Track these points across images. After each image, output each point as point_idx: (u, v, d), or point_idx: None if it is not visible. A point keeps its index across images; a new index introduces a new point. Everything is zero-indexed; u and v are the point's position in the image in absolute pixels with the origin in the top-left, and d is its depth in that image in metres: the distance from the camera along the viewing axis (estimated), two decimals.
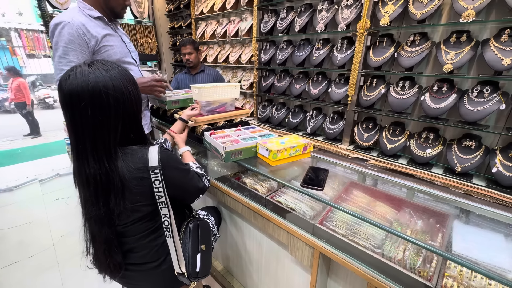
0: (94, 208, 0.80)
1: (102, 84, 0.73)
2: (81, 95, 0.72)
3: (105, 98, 0.74)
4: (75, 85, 0.72)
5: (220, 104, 1.68)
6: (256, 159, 1.34)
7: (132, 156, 0.82)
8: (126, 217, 0.84)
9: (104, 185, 0.77)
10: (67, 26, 1.21)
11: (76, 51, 1.24)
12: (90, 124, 0.75)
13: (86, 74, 0.73)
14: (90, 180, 0.77)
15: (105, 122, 0.76)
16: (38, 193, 3.26)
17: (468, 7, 1.14)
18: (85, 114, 0.73)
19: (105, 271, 0.91)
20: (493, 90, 1.18)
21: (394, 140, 1.49)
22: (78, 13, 1.29)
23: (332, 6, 1.66)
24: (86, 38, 1.26)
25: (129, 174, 0.79)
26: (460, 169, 1.26)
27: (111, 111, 0.76)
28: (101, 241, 0.85)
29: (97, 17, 1.35)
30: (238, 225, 1.54)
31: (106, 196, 0.79)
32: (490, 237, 0.88)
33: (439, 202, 1.15)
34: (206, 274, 1.04)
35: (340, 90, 1.67)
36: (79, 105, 0.72)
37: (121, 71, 0.80)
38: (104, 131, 0.76)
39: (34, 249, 2.26)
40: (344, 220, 1.06)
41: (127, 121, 0.81)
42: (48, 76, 12.81)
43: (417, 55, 1.34)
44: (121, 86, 0.77)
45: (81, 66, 0.76)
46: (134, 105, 0.83)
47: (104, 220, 0.81)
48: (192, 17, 2.87)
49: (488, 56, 1.14)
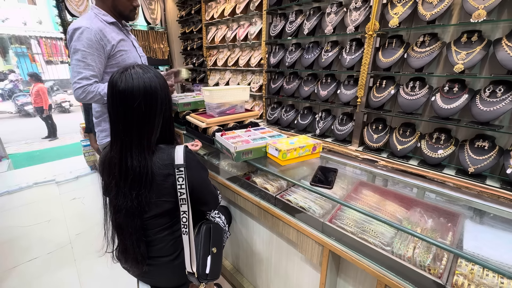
0: (127, 199, 0.85)
1: (154, 85, 0.82)
2: (136, 93, 0.80)
3: (154, 97, 0.83)
4: (131, 84, 0.80)
5: (231, 106, 1.72)
6: (266, 159, 1.37)
7: (161, 153, 0.89)
8: (149, 211, 0.89)
9: (140, 177, 0.84)
10: (86, 31, 1.27)
11: (94, 55, 1.31)
12: (141, 119, 0.83)
13: (141, 74, 0.82)
14: (130, 171, 0.83)
15: (151, 118, 0.84)
16: (56, 193, 3.40)
17: (479, 7, 1.14)
18: (137, 110, 0.81)
19: (131, 263, 0.95)
20: (507, 89, 1.17)
21: (405, 141, 1.48)
22: (95, 19, 1.35)
23: (341, 8, 1.68)
24: (103, 43, 1.33)
25: (158, 169, 0.86)
26: (473, 170, 1.24)
27: (157, 109, 0.85)
28: (131, 232, 0.89)
29: (111, 22, 1.41)
30: (248, 224, 1.56)
31: (139, 188, 0.84)
32: (502, 236, 0.87)
33: (450, 201, 1.14)
34: (216, 277, 1.07)
35: (349, 92, 1.68)
36: (133, 102, 0.80)
37: (163, 76, 0.90)
38: (150, 126, 0.85)
39: (53, 245, 2.36)
40: (354, 219, 1.06)
41: (165, 120, 0.90)
42: (65, 82, 13.33)
43: (427, 56, 1.34)
44: (166, 89, 0.87)
45: (135, 67, 0.84)
46: (171, 106, 0.94)
47: (136, 211, 0.86)
48: (203, 22, 2.95)
49: (501, 56, 1.13)
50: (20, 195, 3.36)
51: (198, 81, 3.33)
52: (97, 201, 3.10)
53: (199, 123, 1.64)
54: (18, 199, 3.25)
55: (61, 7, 2.65)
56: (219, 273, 1.10)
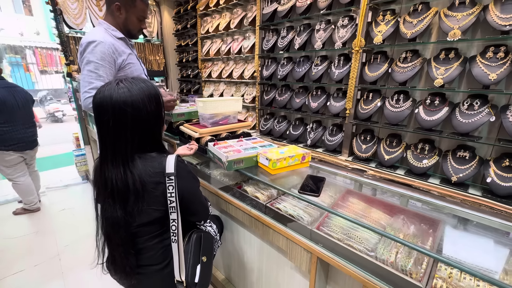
0: (111, 209, 0.87)
1: (122, 101, 0.83)
2: (105, 109, 0.83)
3: (123, 113, 0.83)
4: (102, 99, 0.83)
5: (224, 117, 1.76)
6: (257, 168, 1.40)
7: (152, 161, 0.90)
8: (140, 219, 0.90)
9: (120, 189, 0.85)
10: (100, 44, 1.33)
11: (106, 67, 1.36)
12: (111, 134, 0.85)
13: (112, 91, 0.83)
14: (108, 183, 0.86)
15: (122, 134, 0.85)
16: (45, 203, 3.33)
17: (454, 27, 1.23)
18: (107, 125, 0.84)
19: (120, 274, 0.95)
20: (483, 103, 1.24)
21: (391, 151, 1.54)
22: (106, 34, 1.41)
23: (329, 26, 1.77)
24: (114, 56, 1.40)
25: (148, 178, 0.87)
26: (456, 179, 1.30)
27: (128, 125, 0.85)
28: (118, 243, 0.90)
29: (120, 38, 1.48)
30: (240, 234, 1.57)
31: (122, 200, 0.86)
32: (480, 242, 0.90)
33: (432, 209, 1.18)
34: (205, 287, 1.07)
35: (339, 104, 1.75)
36: (103, 117, 0.83)
37: (144, 90, 0.88)
38: (121, 142, 0.85)
39: (40, 258, 2.30)
40: (340, 225, 1.09)
41: (144, 134, 0.90)
42: (59, 91, 13.27)
43: (409, 71, 1.41)
44: (140, 104, 0.85)
45: (111, 83, 0.86)
46: (152, 119, 0.90)
47: (121, 222, 0.87)
48: (198, 36, 3.04)
49: (476, 72, 1.22)
50: (7, 206, 3.27)
51: (193, 92, 3.38)
52: (87, 212, 3.04)
53: (192, 133, 1.67)
54: (5, 210, 3.17)
55: (58, 19, 2.71)
56: (208, 283, 1.09)
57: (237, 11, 2.52)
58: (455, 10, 1.25)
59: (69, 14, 2.75)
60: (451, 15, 1.26)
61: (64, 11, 2.71)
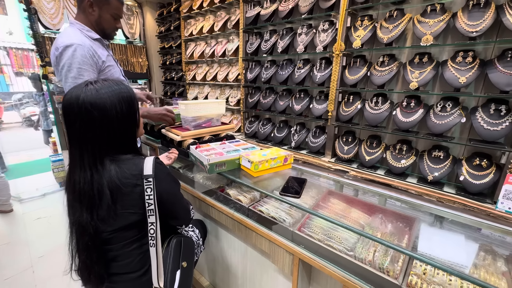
0: (77, 214, 0.83)
1: (88, 102, 0.80)
2: (71, 110, 0.80)
3: (90, 114, 0.80)
4: (69, 100, 0.80)
5: (207, 120, 1.75)
6: (240, 171, 1.39)
7: (128, 164, 0.87)
8: (113, 224, 0.86)
9: (88, 193, 0.81)
10: (79, 48, 1.26)
11: (89, 71, 1.30)
12: (77, 136, 0.82)
13: (79, 92, 0.81)
14: (76, 186, 0.82)
15: (89, 135, 0.82)
16: (19, 212, 3.14)
17: (427, 32, 1.29)
18: (73, 127, 0.81)
19: (90, 283, 0.91)
20: (454, 105, 1.30)
21: (372, 152, 1.58)
22: (81, 35, 1.33)
23: (311, 30, 1.81)
24: (95, 59, 1.33)
25: (124, 180, 0.84)
26: (432, 178, 1.35)
27: (95, 126, 0.82)
28: (84, 248, 0.86)
29: (96, 38, 1.40)
30: (223, 238, 1.55)
31: (89, 204, 0.82)
32: (453, 238, 0.94)
33: (410, 208, 1.22)
34: None
35: (321, 106, 1.78)
36: (69, 119, 0.81)
37: (114, 90, 0.85)
38: (88, 144, 0.82)
39: (11, 271, 2.15)
40: (321, 226, 1.10)
41: (114, 135, 0.86)
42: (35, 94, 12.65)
43: (386, 74, 1.46)
44: (106, 105, 0.82)
45: (80, 84, 0.83)
46: (122, 122, 0.87)
47: (86, 227, 0.83)
48: (182, 38, 3.01)
49: (447, 75, 1.28)
50: None
51: (177, 95, 3.33)
52: (65, 220, 2.89)
53: (174, 136, 1.64)
54: None
55: (33, 19, 2.59)
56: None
57: (221, 14, 2.52)
58: (427, 16, 1.31)
59: (44, 13, 2.64)
60: (423, 21, 1.31)
61: (40, 10, 2.60)
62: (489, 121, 1.19)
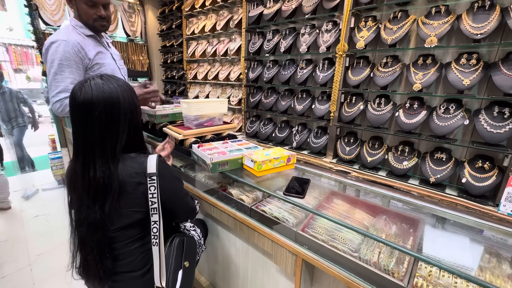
0: (90, 211, 0.82)
1: (114, 94, 0.82)
2: (96, 104, 0.80)
3: (116, 107, 0.82)
4: (90, 94, 0.80)
5: (209, 119, 1.74)
6: (242, 170, 1.39)
7: (132, 162, 0.88)
8: (117, 222, 0.86)
9: (104, 188, 0.82)
10: (63, 43, 1.25)
11: (72, 67, 1.28)
12: (102, 130, 0.82)
13: (100, 85, 0.81)
14: (92, 183, 0.82)
15: (114, 128, 0.83)
16: (17, 210, 3.12)
17: (431, 34, 1.29)
18: (98, 121, 0.80)
19: (93, 280, 0.90)
20: (458, 107, 1.30)
21: (374, 153, 1.58)
22: (72, 32, 1.33)
23: (314, 30, 1.81)
24: (81, 55, 1.31)
25: (128, 178, 0.85)
26: (434, 180, 1.35)
27: (120, 118, 0.84)
28: (93, 246, 0.85)
29: (89, 35, 1.39)
30: (225, 237, 1.54)
31: (103, 200, 0.82)
32: (457, 240, 0.94)
33: (413, 209, 1.22)
34: None
35: (323, 107, 1.78)
36: (93, 113, 0.80)
37: (127, 84, 0.89)
38: (113, 136, 0.84)
39: (9, 269, 2.14)
40: (324, 227, 1.10)
41: (131, 129, 0.89)
42: (34, 91, 12.57)
43: (390, 75, 1.46)
44: (129, 97, 0.86)
45: (95, 78, 0.83)
46: (138, 115, 0.92)
47: (98, 224, 0.83)
48: (184, 37, 3.00)
49: (451, 77, 1.28)
50: None
51: (178, 93, 3.32)
52: (63, 218, 2.87)
53: (176, 135, 1.63)
54: None
55: (34, 15, 2.57)
56: None
57: (223, 13, 2.51)
58: (431, 18, 1.31)
59: (45, 10, 2.62)
60: (428, 23, 1.31)
61: (40, 6, 2.58)
62: (492, 123, 1.19)
